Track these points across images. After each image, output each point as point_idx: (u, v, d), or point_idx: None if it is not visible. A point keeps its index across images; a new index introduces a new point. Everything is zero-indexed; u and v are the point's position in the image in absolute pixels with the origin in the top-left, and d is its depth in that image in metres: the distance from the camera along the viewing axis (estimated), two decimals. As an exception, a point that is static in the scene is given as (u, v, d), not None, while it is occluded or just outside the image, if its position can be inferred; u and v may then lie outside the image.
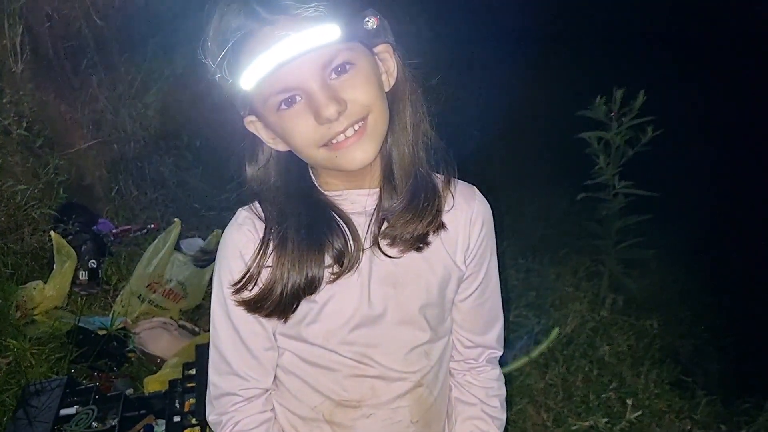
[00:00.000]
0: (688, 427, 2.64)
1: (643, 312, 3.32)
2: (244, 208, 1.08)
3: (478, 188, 1.16)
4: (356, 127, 0.95)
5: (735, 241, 3.99)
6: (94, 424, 2.03)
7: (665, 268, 3.78)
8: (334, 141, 0.95)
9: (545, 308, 3.23)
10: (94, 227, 3.28)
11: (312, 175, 1.08)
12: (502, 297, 1.22)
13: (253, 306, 1.03)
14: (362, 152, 0.96)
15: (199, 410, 1.99)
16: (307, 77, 0.91)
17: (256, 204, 1.07)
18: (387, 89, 1.02)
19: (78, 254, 2.87)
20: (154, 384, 2.32)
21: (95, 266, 2.98)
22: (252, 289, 1.03)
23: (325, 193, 1.06)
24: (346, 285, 1.04)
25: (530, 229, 4.11)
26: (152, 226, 3.46)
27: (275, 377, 1.12)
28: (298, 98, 0.93)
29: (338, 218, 1.04)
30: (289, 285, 1.00)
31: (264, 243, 1.03)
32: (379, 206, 1.06)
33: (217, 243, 3.08)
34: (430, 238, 1.08)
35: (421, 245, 1.07)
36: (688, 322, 3.53)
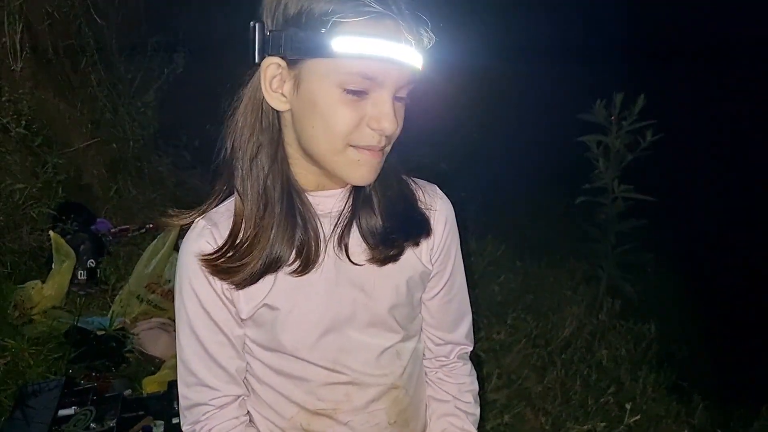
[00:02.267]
0: (686, 432, 2.65)
1: (640, 316, 3.33)
2: (203, 216, 1.05)
3: (439, 187, 1.16)
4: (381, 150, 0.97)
5: (733, 246, 4.00)
6: (92, 425, 2.03)
7: (663, 272, 3.79)
8: (364, 145, 0.94)
9: (543, 312, 3.23)
10: (93, 227, 3.27)
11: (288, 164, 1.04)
12: (469, 293, 1.22)
13: (222, 271, 1.00)
14: (370, 172, 0.97)
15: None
16: (391, 85, 0.92)
17: (217, 210, 1.04)
18: None
19: (76, 254, 2.86)
20: (152, 385, 2.31)
21: (94, 266, 2.97)
22: (218, 255, 1.01)
23: (301, 186, 1.03)
24: (312, 290, 1.03)
25: (528, 233, 4.12)
26: (151, 225, 3.45)
27: (251, 387, 1.11)
28: (365, 95, 0.92)
29: (304, 215, 1.02)
30: (263, 255, 0.99)
31: (228, 241, 1.00)
32: (350, 211, 1.04)
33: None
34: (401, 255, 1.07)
35: (395, 259, 1.06)
36: (685, 327, 3.54)
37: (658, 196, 3.14)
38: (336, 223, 1.04)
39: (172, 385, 2.19)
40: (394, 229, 1.05)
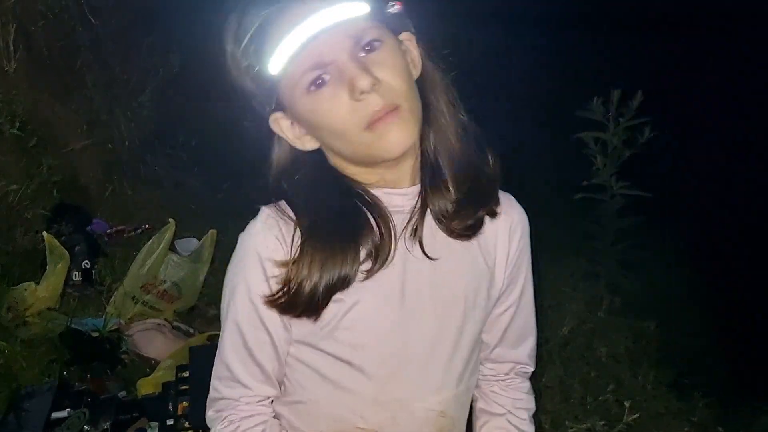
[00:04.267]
0: (686, 429, 2.63)
1: (640, 313, 3.30)
2: (269, 206, 1.00)
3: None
4: (391, 108, 0.91)
5: (733, 241, 3.99)
6: (87, 427, 2.01)
7: (663, 269, 3.77)
8: (369, 116, 0.90)
9: (542, 309, 3.20)
10: (88, 228, 3.25)
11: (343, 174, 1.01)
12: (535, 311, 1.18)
13: (284, 308, 0.96)
14: (400, 132, 0.91)
15: (193, 414, 1.96)
16: (337, 51, 0.88)
17: (282, 202, 1.00)
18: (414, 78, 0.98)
19: (71, 255, 2.84)
20: (147, 386, 2.30)
21: (89, 267, 2.95)
22: (279, 293, 0.96)
23: (360, 186, 1.00)
24: (379, 287, 0.98)
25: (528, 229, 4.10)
26: (147, 226, 3.43)
27: (290, 397, 1.06)
28: (327, 77, 0.89)
29: (372, 212, 0.97)
30: (322, 282, 0.93)
31: (292, 246, 0.96)
32: (424, 205, 1.00)
33: (212, 243, 3.03)
34: (480, 231, 1.04)
35: (474, 233, 1.03)
36: (686, 324, 3.52)
37: (656, 193, 3.12)
38: (408, 220, 1.00)
39: (167, 386, 2.17)
40: (465, 200, 1.01)
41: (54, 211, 3.14)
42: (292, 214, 0.97)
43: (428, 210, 1.00)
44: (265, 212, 0.99)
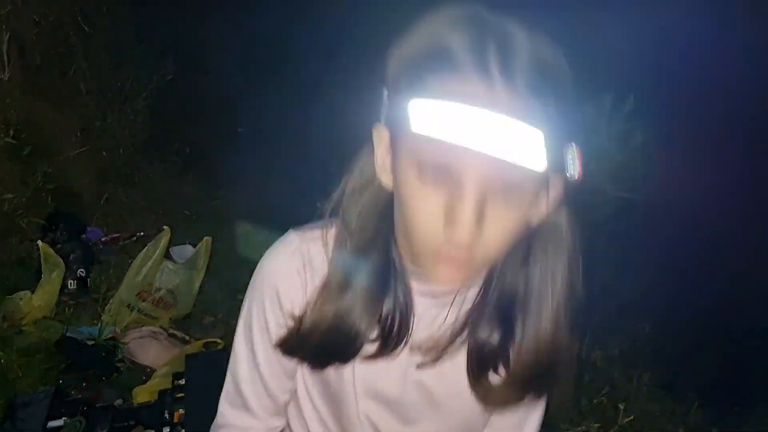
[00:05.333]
0: (681, 430, 2.65)
1: (634, 316, 3.32)
2: (297, 231, 0.93)
3: None
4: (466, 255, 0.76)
5: (726, 244, 4.00)
6: (83, 435, 2.01)
7: (657, 272, 3.78)
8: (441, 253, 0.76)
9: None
10: (83, 235, 3.25)
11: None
12: None
13: (286, 350, 0.93)
14: (450, 277, 0.77)
15: (189, 421, 1.97)
16: (474, 181, 0.70)
17: (312, 229, 0.92)
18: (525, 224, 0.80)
19: (66, 263, 2.84)
20: (143, 394, 2.30)
21: (84, 275, 2.95)
22: (289, 333, 0.92)
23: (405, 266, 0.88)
24: (382, 373, 0.94)
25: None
26: (142, 233, 3.43)
27: (297, 410, 1.05)
28: (443, 186, 0.72)
29: (399, 296, 0.88)
30: (322, 343, 0.89)
31: (310, 282, 0.90)
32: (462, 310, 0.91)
33: (207, 250, 3.03)
34: None
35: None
36: (679, 327, 3.53)
37: (649, 196, 3.13)
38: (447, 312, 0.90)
39: (163, 394, 2.18)
40: (526, 381, 0.91)
41: (49, 219, 3.14)
42: (319, 246, 0.91)
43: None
44: (293, 241, 0.93)
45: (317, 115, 4.12)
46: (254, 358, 0.97)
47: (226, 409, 1.02)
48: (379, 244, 0.87)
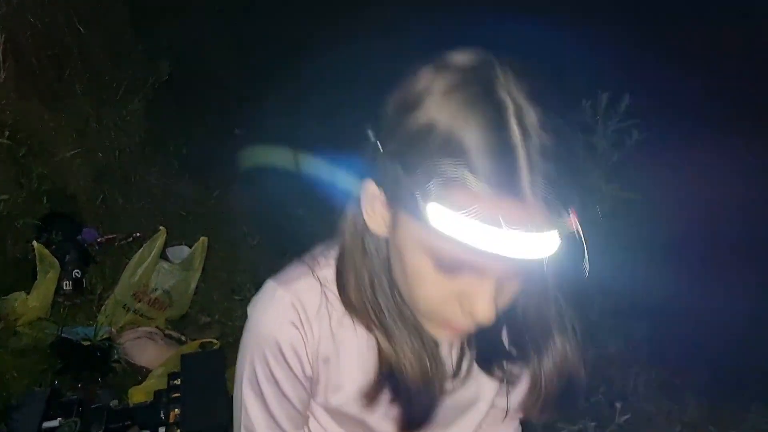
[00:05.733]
0: (678, 429, 2.64)
1: (631, 315, 3.32)
2: (278, 281, 0.91)
3: None
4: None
5: (724, 242, 4.00)
6: (78, 436, 2.01)
7: (653, 270, 3.78)
8: (450, 321, 0.79)
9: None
10: (79, 236, 3.24)
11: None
12: None
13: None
14: (448, 340, 0.87)
15: (185, 422, 1.97)
16: (498, 274, 0.73)
17: (301, 282, 0.91)
18: None
19: (62, 264, 2.84)
20: (139, 395, 2.30)
21: (79, 276, 2.95)
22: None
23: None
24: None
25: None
26: (138, 234, 3.42)
27: None
28: (462, 272, 0.73)
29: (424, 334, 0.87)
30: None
31: (312, 329, 0.90)
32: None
33: (203, 251, 3.02)
34: None
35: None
36: (676, 325, 3.53)
37: (645, 194, 3.14)
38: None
39: (159, 394, 2.17)
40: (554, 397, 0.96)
41: (44, 221, 3.13)
42: (315, 298, 0.90)
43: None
44: (283, 296, 0.90)
45: (314, 117, 4.12)
46: (267, 408, 0.96)
47: None
48: (390, 294, 0.85)
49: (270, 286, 0.92)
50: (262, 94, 4.35)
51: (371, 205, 0.79)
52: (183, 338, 2.79)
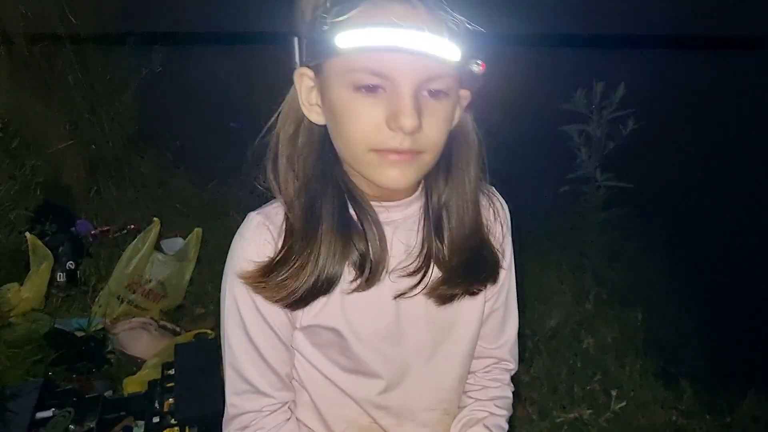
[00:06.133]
0: (673, 417, 2.64)
1: (627, 304, 3.32)
2: (257, 212, 0.97)
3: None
4: (411, 151, 0.87)
5: (716, 231, 4.01)
6: (72, 426, 1.99)
7: (648, 259, 3.79)
8: (387, 148, 0.86)
9: (530, 302, 3.22)
10: (72, 228, 3.23)
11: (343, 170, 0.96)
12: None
13: (268, 292, 0.94)
14: (401, 175, 0.88)
15: (179, 410, 1.96)
16: (408, 76, 0.83)
17: (270, 207, 0.97)
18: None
19: (56, 255, 2.83)
20: (133, 385, 2.29)
21: (73, 267, 2.94)
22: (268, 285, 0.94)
23: (363, 195, 0.96)
24: (372, 307, 0.98)
25: (513, 223, 4.11)
26: (132, 226, 3.41)
27: (301, 395, 1.06)
28: (381, 91, 0.84)
29: (365, 221, 0.94)
30: (310, 281, 0.92)
31: (283, 249, 0.93)
32: (423, 226, 0.99)
33: (197, 242, 3.02)
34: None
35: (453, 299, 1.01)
36: (672, 313, 3.53)
37: (640, 184, 3.14)
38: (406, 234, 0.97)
39: (153, 384, 2.16)
40: (461, 271, 0.99)
41: (37, 212, 3.12)
42: (280, 219, 0.95)
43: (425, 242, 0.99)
44: (255, 220, 0.97)
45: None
46: (249, 338, 0.98)
47: (234, 400, 1.01)
48: (331, 180, 0.93)
49: (248, 216, 0.98)
50: (256, 86, 4.33)
51: (306, 96, 0.91)
52: (177, 329, 2.78)
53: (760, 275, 3.60)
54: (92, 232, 3.32)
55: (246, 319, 0.97)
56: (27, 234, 2.77)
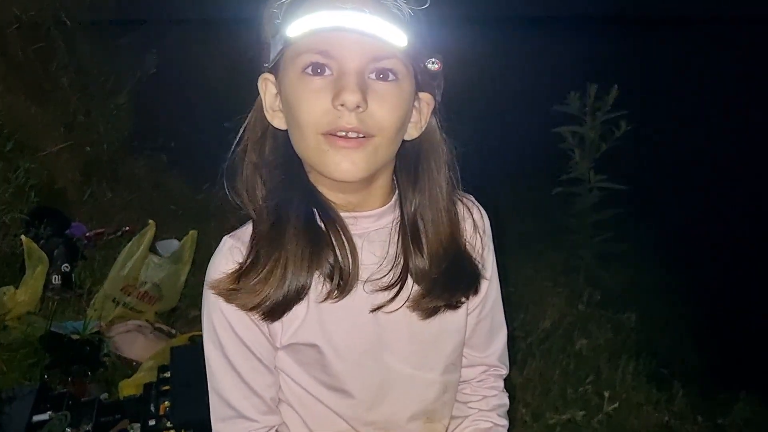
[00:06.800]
0: (666, 419, 2.66)
1: (620, 306, 3.34)
2: (230, 235, 0.97)
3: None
4: (360, 136, 0.86)
5: (708, 233, 4.04)
6: (68, 429, 2.00)
7: (641, 261, 3.81)
8: (336, 134, 0.86)
9: (523, 304, 3.24)
10: (67, 231, 3.23)
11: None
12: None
13: (240, 301, 0.94)
14: (351, 164, 0.87)
15: (174, 413, 1.96)
16: (353, 56, 0.85)
17: (242, 229, 0.97)
18: (407, 137, 0.95)
19: (51, 258, 2.83)
20: (128, 388, 2.29)
21: (68, 270, 2.94)
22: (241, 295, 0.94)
23: (330, 205, 0.95)
24: (348, 320, 0.97)
25: (507, 225, 4.12)
26: (127, 228, 3.41)
27: (290, 411, 1.04)
28: (327, 72, 0.86)
29: (333, 231, 0.93)
30: (282, 286, 0.91)
31: (251, 254, 0.93)
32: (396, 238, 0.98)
33: (193, 244, 3.02)
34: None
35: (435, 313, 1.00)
36: (664, 315, 3.56)
37: (633, 186, 3.16)
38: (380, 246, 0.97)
39: (149, 387, 2.17)
40: (441, 283, 0.98)
41: (32, 215, 3.12)
42: (249, 233, 0.96)
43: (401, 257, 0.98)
44: (228, 243, 0.97)
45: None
46: (229, 362, 0.97)
47: (220, 427, 1.01)
48: (297, 187, 0.94)
49: (222, 239, 0.99)
50: (251, 88, 4.34)
51: (271, 103, 0.94)
52: (173, 331, 2.78)
53: (752, 276, 3.63)
54: (87, 235, 3.32)
55: (224, 341, 0.96)
56: (22, 237, 2.77)
